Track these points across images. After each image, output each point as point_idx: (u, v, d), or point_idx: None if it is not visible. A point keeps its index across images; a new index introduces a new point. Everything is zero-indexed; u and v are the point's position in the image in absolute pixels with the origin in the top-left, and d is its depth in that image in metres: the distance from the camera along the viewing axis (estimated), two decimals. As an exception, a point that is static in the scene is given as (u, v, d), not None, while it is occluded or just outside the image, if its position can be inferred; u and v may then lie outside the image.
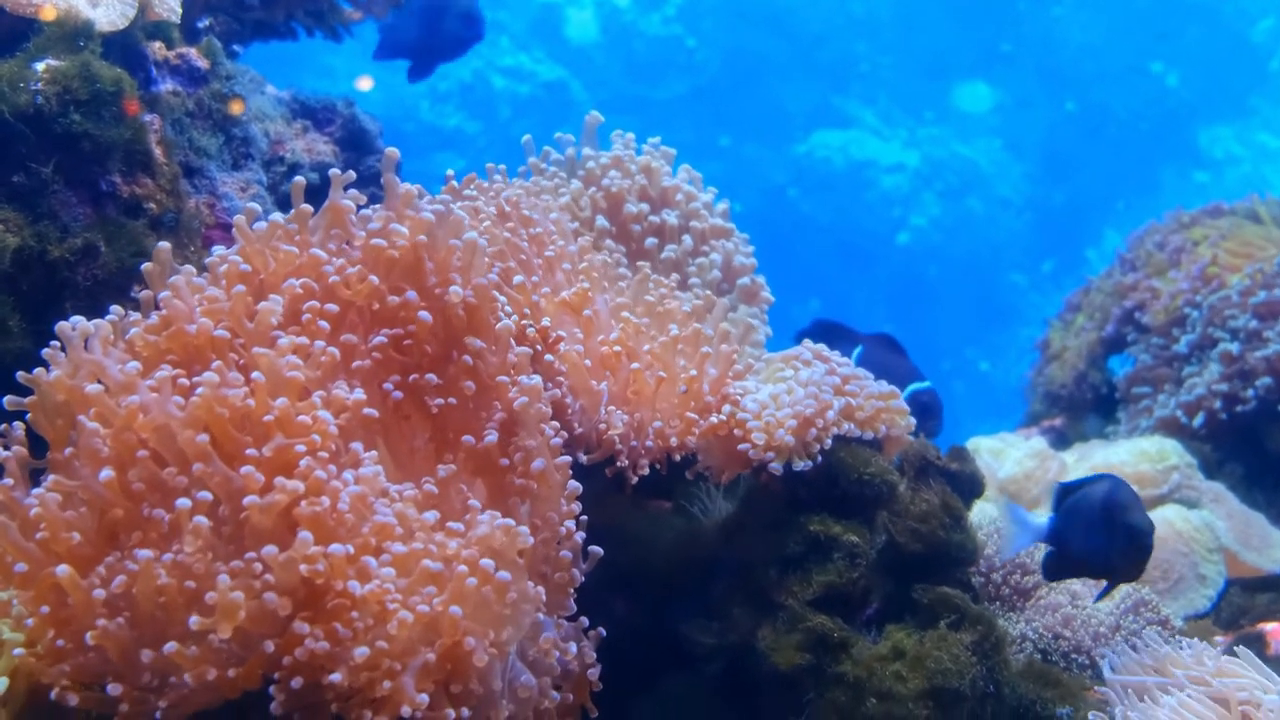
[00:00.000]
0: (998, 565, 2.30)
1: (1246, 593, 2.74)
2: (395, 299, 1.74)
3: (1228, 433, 3.39)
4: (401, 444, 1.72)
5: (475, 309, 1.76)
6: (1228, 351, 3.38)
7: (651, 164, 2.41)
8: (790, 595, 1.95)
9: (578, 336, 1.96)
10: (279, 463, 1.47)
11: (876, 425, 2.05)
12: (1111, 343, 3.91)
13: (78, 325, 1.57)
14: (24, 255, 1.93)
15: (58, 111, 1.95)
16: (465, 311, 1.75)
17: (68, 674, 1.42)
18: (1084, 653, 2.17)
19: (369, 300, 1.73)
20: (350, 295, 1.72)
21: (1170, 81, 14.18)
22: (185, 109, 2.28)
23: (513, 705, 1.55)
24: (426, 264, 1.76)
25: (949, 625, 1.91)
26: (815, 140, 14.03)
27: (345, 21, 2.94)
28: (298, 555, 1.39)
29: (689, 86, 14.02)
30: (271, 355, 1.55)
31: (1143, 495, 2.86)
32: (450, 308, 1.74)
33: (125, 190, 2.05)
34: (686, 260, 2.36)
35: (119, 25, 2.11)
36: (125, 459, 1.46)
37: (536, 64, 13.72)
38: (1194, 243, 3.79)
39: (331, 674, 1.39)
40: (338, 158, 2.67)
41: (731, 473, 2.08)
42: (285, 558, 1.39)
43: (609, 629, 1.76)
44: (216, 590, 1.37)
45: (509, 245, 2.02)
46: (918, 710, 1.82)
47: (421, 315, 1.72)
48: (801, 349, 2.13)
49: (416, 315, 1.72)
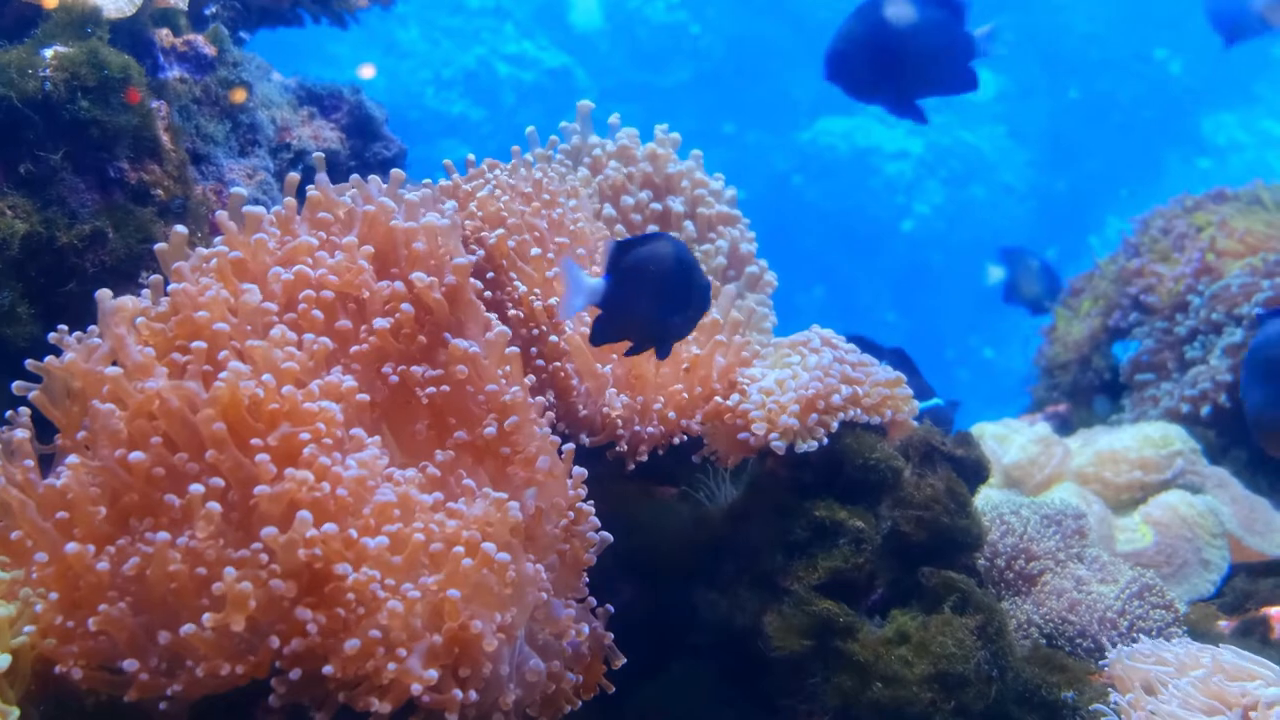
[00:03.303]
0: (1002, 551, 2.31)
1: (1250, 578, 2.74)
2: (385, 285, 1.74)
3: (1232, 418, 3.38)
4: (404, 428, 1.73)
5: (456, 290, 1.76)
6: (1232, 344, 3.38)
7: (657, 151, 2.42)
8: (796, 580, 1.96)
9: (585, 320, 1.97)
10: (286, 450, 1.48)
11: (882, 411, 2.06)
12: (1116, 329, 3.91)
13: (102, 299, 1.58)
14: (32, 241, 1.94)
15: (66, 98, 1.95)
16: (445, 296, 1.74)
17: (77, 654, 1.43)
18: (1089, 638, 2.18)
19: (358, 290, 1.73)
20: (340, 285, 1.72)
21: (1174, 68, 14.14)
22: (192, 96, 2.29)
23: (520, 689, 1.56)
24: (399, 253, 1.77)
25: (953, 610, 1.92)
26: (819, 127, 14.00)
27: (351, 8, 2.94)
28: (298, 537, 1.40)
29: (693, 73, 14.00)
30: (266, 346, 1.55)
31: (1147, 480, 2.88)
32: (424, 294, 1.73)
33: (133, 177, 2.06)
34: (692, 246, 2.36)
35: (126, 12, 2.11)
36: (141, 443, 1.47)
37: (541, 51, 13.70)
38: (1198, 228, 3.79)
39: (325, 666, 1.40)
40: (344, 144, 2.68)
41: (737, 458, 2.09)
42: (286, 539, 1.40)
43: (616, 613, 1.77)
44: (224, 582, 1.37)
45: (525, 222, 2.03)
46: (923, 694, 1.83)
47: (405, 307, 1.72)
48: (810, 335, 2.14)
49: (400, 306, 1.72)
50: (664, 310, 1.82)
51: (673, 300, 1.82)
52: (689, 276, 1.83)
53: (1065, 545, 2.34)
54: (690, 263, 1.84)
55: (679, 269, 1.81)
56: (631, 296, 1.78)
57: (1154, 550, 2.69)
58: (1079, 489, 2.87)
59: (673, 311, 1.83)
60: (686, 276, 1.82)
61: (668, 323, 1.84)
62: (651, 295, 1.79)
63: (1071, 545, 2.35)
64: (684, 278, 1.82)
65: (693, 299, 1.85)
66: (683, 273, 1.82)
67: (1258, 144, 13.93)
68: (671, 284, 1.80)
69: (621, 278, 1.77)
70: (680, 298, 1.83)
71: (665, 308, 1.82)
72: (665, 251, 1.80)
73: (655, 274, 1.79)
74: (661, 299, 1.80)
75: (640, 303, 1.79)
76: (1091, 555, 2.36)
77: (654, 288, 1.79)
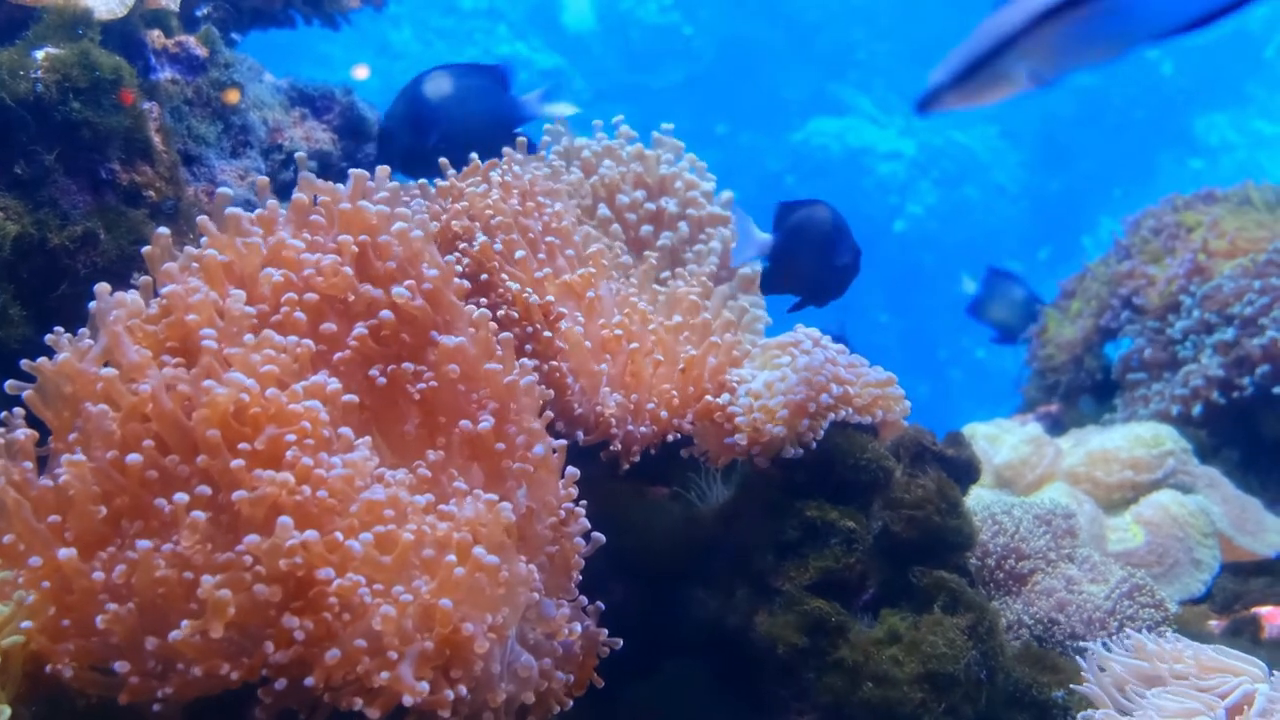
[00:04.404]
0: (993, 550, 2.31)
1: (1241, 577, 2.76)
2: (369, 288, 1.74)
3: (1224, 418, 3.40)
4: (394, 429, 1.73)
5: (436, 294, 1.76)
6: (1224, 341, 3.39)
7: (646, 151, 2.42)
8: (788, 580, 1.96)
9: (579, 319, 1.97)
10: (272, 453, 1.48)
11: (874, 411, 2.06)
12: (1108, 330, 3.92)
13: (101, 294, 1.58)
14: (24, 243, 1.93)
15: (58, 99, 1.95)
16: (426, 300, 1.74)
17: (71, 653, 1.43)
18: (1079, 637, 2.19)
19: (343, 292, 1.73)
20: (326, 287, 1.72)
21: (1166, 69, 14.17)
22: (184, 97, 2.29)
23: (512, 686, 1.56)
24: (374, 260, 1.76)
25: (944, 610, 1.92)
26: (812, 128, 14.02)
27: (343, 9, 2.94)
28: (280, 541, 1.40)
29: (686, 74, 14.00)
30: (245, 352, 1.55)
31: (1138, 480, 2.89)
32: (405, 303, 1.73)
33: (125, 178, 2.06)
34: (684, 247, 2.37)
35: (118, 13, 2.11)
36: (133, 445, 1.47)
37: (534, 52, 13.70)
38: (1188, 229, 3.80)
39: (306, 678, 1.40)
40: (336, 146, 2.67)
41: (727, 458, 2.09)
42: (269, 545, 1.40)
43: (608, 614, 1.77)
44: (203, 589, 1.37)
45: (517, 223, 2.03)
46: (913, 693, 1.83)
47: (384, 314, 1.72)
48: (799, 335, 2.14)
49: (380, 313, 1.72)
50: (822, 266, 2.01)
51: (829, 259, 2.01)
52: (845, 239, 2.02)
53: (1056, 545, 2.35)
54: (845, 227, 2.03)
55: (836, 232, 2.01)
56: (794, 251, 2.01)
57: (1145, 550, 2.70)
58: (1070, 489, 2.88)
59: (830, 269, 2.02)
60: (842, 239, 2.02)
61: (826, 278, 2.03)
62: (812, 252, 2.01)
63: (1062, 545, 2.36)
64: (840, 240, 2.01)
65: (848, 261, 2.03)
66: (839, 235, 2.01)
67: (1249, 144, 13.97)
68: (829, 243, 2.00)
69: (787, 234, 2.01)
70: (836, 257, 2.02)
71: (823, 264, 2.01)
72: (824, 214, 2.01)
73: (816, 233, 2.00)
74: (821, 256, 2.01)
75: (802, 258, 2.01)
76: (1082, 555, 2.37)
77: (814, 245, 2.00)
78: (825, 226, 1.99)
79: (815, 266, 2.01)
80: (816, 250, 2.00)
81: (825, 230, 1.99)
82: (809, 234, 2.00)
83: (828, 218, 2.00)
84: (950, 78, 0.97)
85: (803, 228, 2.00)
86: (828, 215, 2.00)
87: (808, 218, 2.00)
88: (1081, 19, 0.96)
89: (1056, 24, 0.95)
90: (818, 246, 2.00)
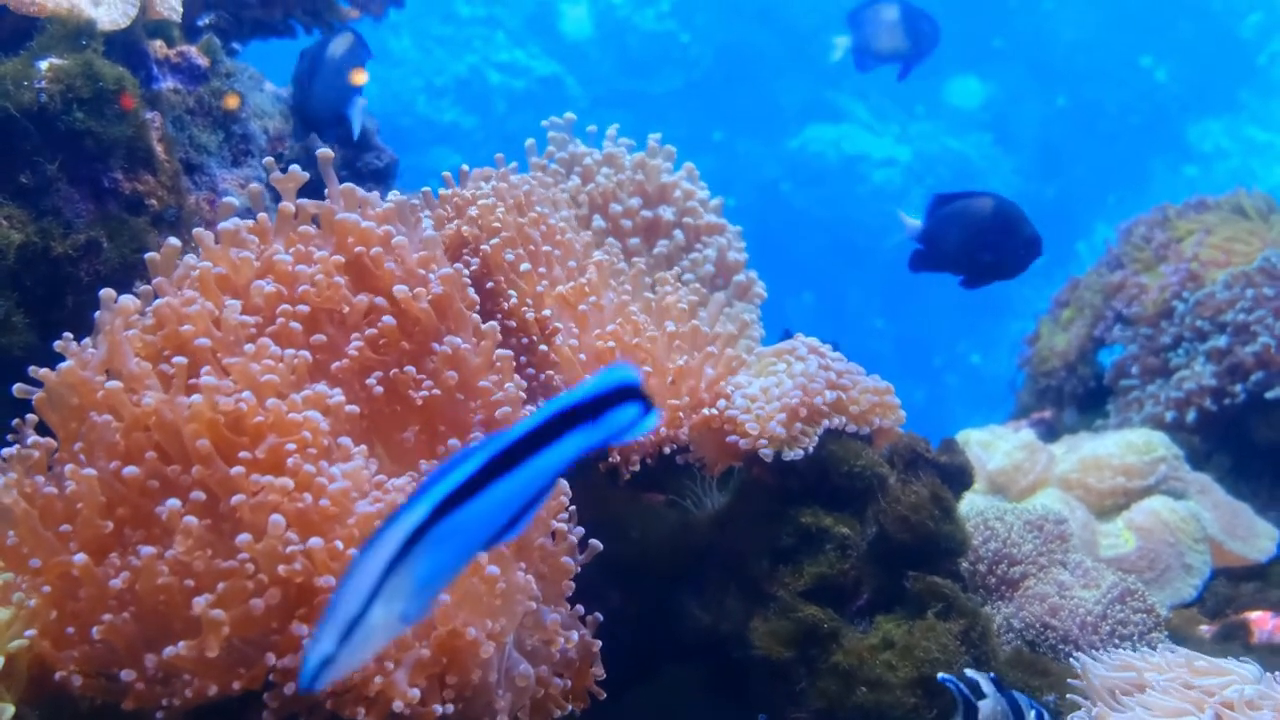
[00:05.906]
0: (985, 556, 2.33)
1: (1232, 582, 2.78)
2: (364, 298, 1.74)
3: (1216, 424, 3.42)
4: (393, 436, 1.74)
5: (444, 300, 1.76)
6: (1216, 348, 3.41)
7: (648, 160, 2.44)
8: (782, 586, 1.98)
9: (573, 331, 1.99)
10: (273, 462, 1.49)
11: (869, 419, 2.08)
12: (1101, 337, 3.94)
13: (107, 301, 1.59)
14: (28, 251, 1.95)
15: (61, 109, 1.97)
16: (432, 306, 1.75)
17: (76, 659, 1.45)
18: (1071, 642, 2.21)
19: (338, 303, 1.73)
20: (320, 300, 1.72)
21: (1160, 76, 14.20)
22: (186, 106, 2.31)
23: (510, 694, 1.57)
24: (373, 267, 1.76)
25: (937, 615, 1.94)
26: (808, 135, 14.03)
27: (343, 19, 2.96)
28: (276, 546, 1.41)
29: (682, 81, 14.01)
30: (243, 362, 1.56)
31: (1130, 486, 2.91)
32: (410, 307, 1.74)
33: (127, 187, 2.07)
34: (680, 255, 2.38)
35: (121, 24, 2.13)
36: (136, 456, 1.49)
37: (532, 59, 13.70)
38: (1179, 237, 3.83)
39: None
40: (336, 154, 2.69)
41: (723, 465, 2.11)
42: (264, 545, 1.41)
43: (604, 620, 1.79)
44: (197, 608, 1.38)
45: (520, 234, 2.05)
46: (907, 698, 1.85)
47: (385, 320, 1.72)
48: (796, 343, 2.16)
49: (380, 320, 1.72)
50: (975, 251, 2.28)
51: (985, 245, 2.28)
52: (1010, 226, 2.28)
53: (1048, 550, 2.37)
54: (1013, 215, 2.28)
55: (994, 220, 2.27)
56: (943, 238, 2.31)
57: (1137, 555, 2.72)
58: (1063, 495, 2.90)
59: (986, 254, 2.29)
60: (1005, 226, 2.27)
61: (978, 261, 2.30)
62: (963, 238, 2.29)
63: (1054, 550, 2.38)
64: (1002, 227, 2.27)
65: (1016, 247, 2.30)
66: (1000, 222, 2.27)
67: (1242, 151, 13.99)
68: (985, 231, 2.27)
69: (936, 223, 2.31)
70: (995, 244, 2.28)
71: (976, 249, 2.28)
72: (982, 205, 2.27)
73: (968, 222, 2.27)
74: (973, 242, 2.29)
75: (950, 243, 2.30)
76: (1074, 560, 2.38)
77: (964, 233, 2.29)
78: (983, 213, 2.24)
79: (968, 250, 2.27)
80: (972, 236, 2.25)
81: (983, 217, 2.24)
82: (965, 221, 2.25)
83: (988, 206, 2.24)
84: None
85: (959, 215, 2.26)
86: (989, 205, 2.24)
87: (965, 207, 2.26)
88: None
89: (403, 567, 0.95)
90: (975, 233, 2.25)
